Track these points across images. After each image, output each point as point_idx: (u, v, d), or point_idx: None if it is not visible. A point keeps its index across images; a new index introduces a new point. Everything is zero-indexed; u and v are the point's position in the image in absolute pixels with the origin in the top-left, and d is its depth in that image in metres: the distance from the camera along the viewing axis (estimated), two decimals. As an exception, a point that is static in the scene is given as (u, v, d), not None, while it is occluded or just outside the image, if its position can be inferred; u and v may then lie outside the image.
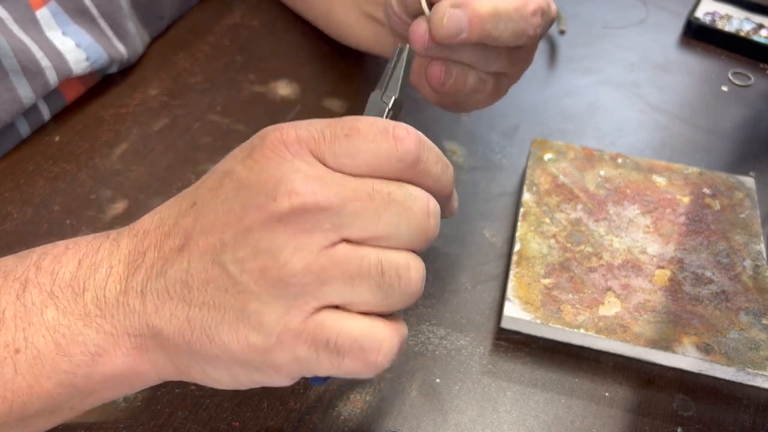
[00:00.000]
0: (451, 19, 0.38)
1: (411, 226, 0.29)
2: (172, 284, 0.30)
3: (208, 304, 0.30)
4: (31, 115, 0.55)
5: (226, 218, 0.30)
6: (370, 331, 0.29)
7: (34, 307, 0.31)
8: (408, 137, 0.30)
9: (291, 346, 0.29)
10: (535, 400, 0.42)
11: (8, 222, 0.50)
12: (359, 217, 0.29)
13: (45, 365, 0.31)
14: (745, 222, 0.51)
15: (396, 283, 0.29)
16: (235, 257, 0.29)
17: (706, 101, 0.65)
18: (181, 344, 0.31)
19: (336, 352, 0.29)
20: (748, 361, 0.43)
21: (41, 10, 0.53)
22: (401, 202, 0.29)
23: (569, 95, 0.64)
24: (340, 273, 0.28)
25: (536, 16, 0.40)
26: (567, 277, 0.46)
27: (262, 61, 0.65)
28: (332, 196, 0.28)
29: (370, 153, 0.29)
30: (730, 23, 0.72)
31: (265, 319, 0.29)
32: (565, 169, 0.53)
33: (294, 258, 0.28)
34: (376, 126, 0.30)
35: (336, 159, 0.29)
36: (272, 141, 0.29)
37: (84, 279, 0.32)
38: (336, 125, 0.30)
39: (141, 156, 0.55)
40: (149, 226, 0.32)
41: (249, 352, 0.30)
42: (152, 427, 0.40)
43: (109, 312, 0.31)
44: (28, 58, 0.51)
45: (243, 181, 0.30)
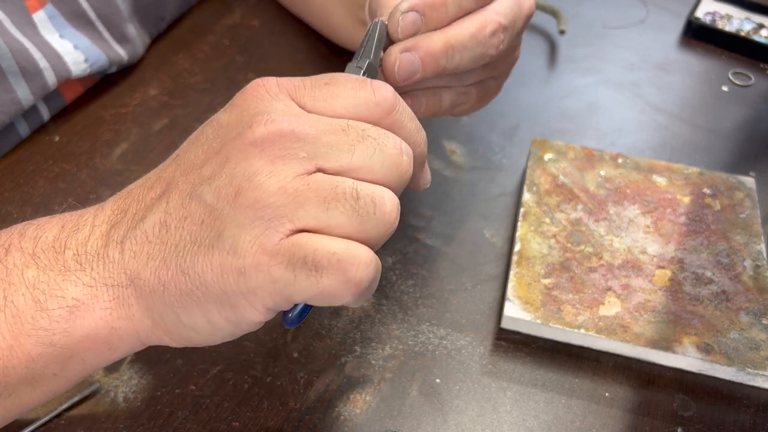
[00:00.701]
0: (402, 66, 0.38)
1: (384, 161, 0.30)
2: (151, 227, 0.31)
3: (185, 240, 0.30)
4: (31, 115, 0.55)
5: (204, 156, 0.31)
6: (347, 247, 0.29)
7: (15, 269, 0.32)
8: (384, 87, 0.32)
9: (266, 266, 0.28)
10: (535, 400, 0.42)
11: (8, 222, 0.50)
12: (334, 148, 0.30)
13: (24, 323, 0.31)
14: (745, 222, 0.51)
15: (371, 210, 0.29)
16: (211, 186, 0.30)
17: (706, 101, 0.65)
18: (157, 287, 0.30)
19: (314, 269, 0.28)
20: (748, 361, 0.43)
21: (38, 13, 0.53)
22: (375, 138, 0.30)
23: (569, 95, 0.64)
24: (315, 196, 0.29)
25: (496, 35, 0.39)
26: (567, 277, 0.46)
27: (262, 61, 0.65)
28: (308, 127, 0.30)
29: (348, 97, 0.31)
30: (730, 23, 0.72)
31: (240, 240, 0.29)
32: (565, 169, 0.53)
33: (269, 180, 0.29)
34: (355, 77, 0.32)
35: (314, 102, 0.31)
36: (252, 86, 0.32)
37: (65, 239, 0.32)
38: (316, 76, 0.32)
39: (141, 156, 0.55)
40: (133, 186, 0.33)
41: (223, 278, 0.29)
42: (152, 427, 0.40)
43: (89, 265, 0.32)
44: (27, 59, 0.51)
45: (222, 123, 0.31)
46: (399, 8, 0.38)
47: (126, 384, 0.41)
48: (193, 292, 0.30)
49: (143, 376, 0.42)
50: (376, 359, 0.44)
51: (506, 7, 0.40)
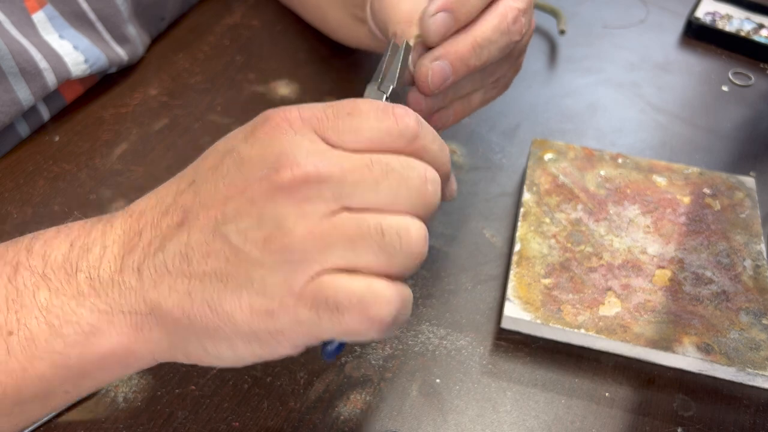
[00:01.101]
0: (434, 75, 0.38)
1: (410, 194, 0.30)
2: (171, 258, 0.30)
3: (210, 275, 0.30)
4: (31, 115, 0.55)
5: (227, 191, 0.30)
6: (369, 286, 0.29)
7: (26, 290, 0.31)
8: (407, 115, 0.31)
9: (293, 309, 0.29)
10: (535, 400, 0.42)
11: (8, 222, 0.50)
12: (359, 187, 0.29)
13: (38, 346, 0.31)
14: (745, 222, 0.51)
15: (397, 244, 0.29)
16: (238, 227, 0.29)
17: (706, 101, 0.65)
18: (181, 318, 0.30)
19: (335, 309, 0.29)
20: (749, 361, 0.43)
21: (37, 13, 0.53)
22: (399, 171, 0.30)
23: (569, 95, 0.64)
24: (341, 237, 0.29)
25: (518, 21, 0.39)
26: (567, 277, 0.46)
27: (262, 61, 0.65)
28: (333, 166, 0.29)
29: (372, 130, 0.30)
30: (730, 23, 0.72)
31: (269, 284, 0.29)
32: (566, 169, 0.53)
33: (297, 225, 0.29)
34: (376, 105, 0.31)
35: (339, 136, 0.30)
36: (275, 119, 0.30)
37: (76, 260, 0.32)
38: (338, 105, 0.31)
39: (141, 156, 0.55)
40: (145, 206, 0.32)
41: (252, 319, 0.29)
42: (152, 427, 0.40)
43: (103, 290, 0.31)
44: (27, 60, 0.51)
45: (244, 157, 0.30)
46: (428, 12, 0.37)
47: (126, 384, 0.41)
48: (221, 328, 0.30)
49: (143, 376, 0.42)
50: (376, 359, 0.44)
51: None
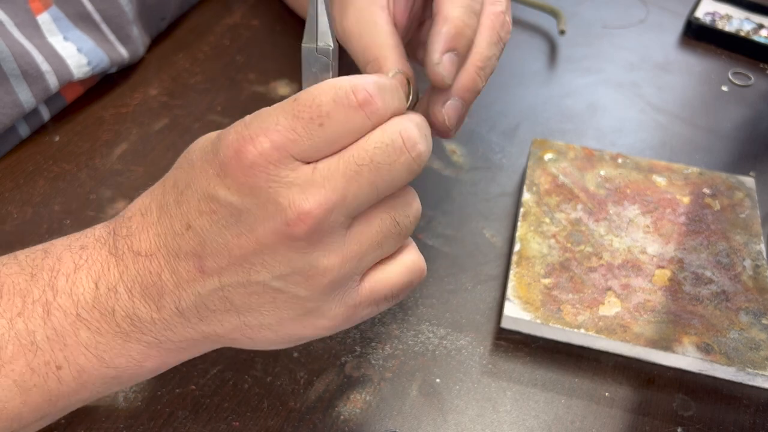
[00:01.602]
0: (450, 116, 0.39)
1: (403, 172, 0.31)
2: (210, 301, 0.31)
3: (259, 310, 0.32)
4: (31, 115, 0.55)
5: (239, 241, 0.30)
6: (407, 270, 0.34)
7: (65, 331, 0.32)
8: (371, 97, 0.30)
9: (355, 315, 0.33)
10: (535, 400, 0.42)
11: (8, 222, 0.50)
12: (360, 196, 0.30)
13: (91, 375, 0.33)
14: (745, 222, 0.51)
15: (408, 221, 0.33)
16: (274, 275, 0.30)
17: (706, 101, 0.65)
18: (242, 339, 0.33)
19: (393, 298, 0.34)
20: (748, 361, 0.43)
21: (42, 15, 0.53)
22: (385, 159, 0.30)
23: (569, 95, 0.64)
24: (368, 246, 0.32)
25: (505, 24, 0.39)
26: (567, 277, 0.46)
27: (262, 61, 0.65)
28: (332, 194, 0.29)
29: (347, 134, 0.30)
30: (730, 23, 0.72)
31: (327, 309, 0.32)
32: (565, 169, 0.53)
33: (330, 261, 0.30)
34: (341, 101, 0.29)
35: (318, 153, 0.30)
36: (247, 155, 0.28)
37: (107, 302, 0.32)
38: (303, 115, 0.29)
39: (141, 156, 0.55)
40: (147, 248, 0.32)
41: (320, 332, 0.33)
42: (152, 427, 0.40)
43: (147, 329, 0.32)
44: (29, 62, 0.51)
45: (238, 207, 0.29)
46: (433, 61, 0.37)
47: (126, 384, 0.41)
48: (286, 341, 0.34)
49: (143, 376, 0.42)
50: (376, 359, 0.44)
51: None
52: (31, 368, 0.31)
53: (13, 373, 0.31)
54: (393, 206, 0.32)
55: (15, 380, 0.31)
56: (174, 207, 0.31)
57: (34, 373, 0.31)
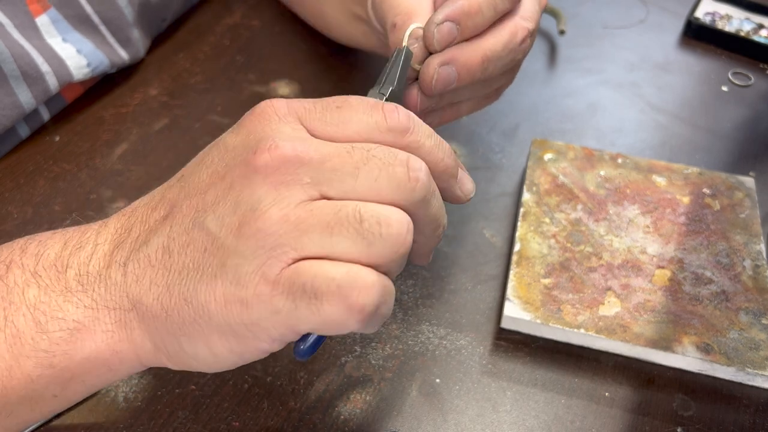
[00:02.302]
0: (439, 79, 0.38)
1: (391, 182, 0.29)
2: (154, 251, 0.30)
3: (188, 267, 0.30)
4: (31, 116, 0.55)
5: (209, 180, 0.30)
6: (348, 271, 0.28)
7: (16, 287, 0.31)
8: (397, 110, 0.31)
9: (268, 297, 0.28)
10: (535, 400, 0.42)
11: (8, 222, 0.50)
12: (338, 172, 0.29)
13: (24, 344, 0.31)
14: (745, 222, 0.51)
15: (377, 231, 0.28)
16: (216, 214, 0.29)
17: (706, 101, 0.65)
18: (160, 313, 0.30)
19: (313, 296, 0.27)
20: (748, 361, 0.43)
21: (41, 17, 0.53)
22: (381, 158, 0.29)
23: (569, 95, 0.64)
24: (318, 222, 0.28)
25: (525, 41, 0.39)
26: (567, 277, 0.46)
27: (262, 61, 0.65)
28: (312, 151, 0.29)
29: (360, 122, 0.30)
30: (730, 23, 0.72)
31: (243, 271, 0.28)
32: (565, 169, 0.53)
33: (272, 209, 0.28)
34: (367, 101, 0.31)
35: (325, 127, 0.30)
36: (262, 108, 0.31)
37: (67, 257, 0.32)
38: (329, 99, 0.31)
39: (141, 156, 0.55)
40: (138, 204, 0.33)
41: (226, 310, 0.28)
42: (152, 427, 0.40)
43: (90, 286, 0.31)
44: (28, 63, 0.51)
45: (228, 145, 0.31)
46: (434, 20, 0.37)
47: (126, 384, 0.41)
48: (197, 321, 0.29)
49: (143, 376, 0.42)
50: (376, 359, 0.44)
51: (532, 11, 0.40)
52: None
53: None
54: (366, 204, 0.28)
55: None
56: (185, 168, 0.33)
57: None
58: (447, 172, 0.33)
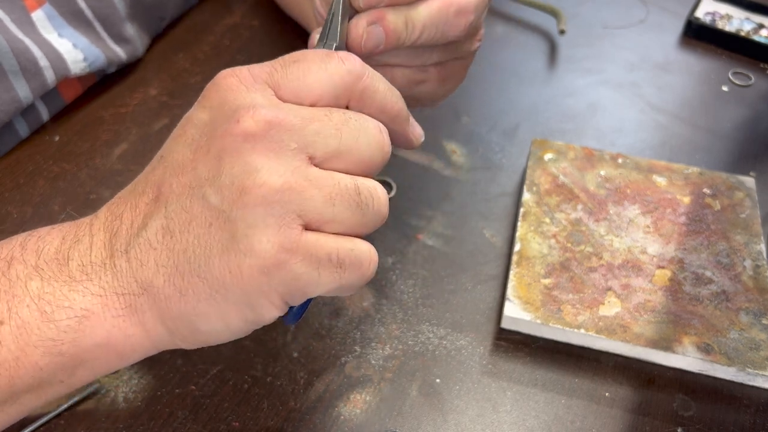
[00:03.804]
0: (368, 38, 0.38)
1: (369, 141, 0.31)
2: (154, 234, 0.30)
3: (194, 244, 0.30)
4: (30, 115, 0.55)
5: (194, 155, 0.30)
6: (358, 245, 0.31)
7: (18, 281, 0.31)
8: (350, 56, 0.32)
9: (289, 264, 0.29)
10: (535, 400, 0.42)
11: (8, 222, 0.50)
12: (321, 135, 0.30)
13: (31, 334, 0.31)
14: (745, 222, 0.51)
15: (371, 203, 0.31)
16: (213, 186, 0.29)
17: (706, 101, 0.65)
18: (173, 293, 0.30)
19: (338, 265, 0.30)
20: (749, 361, 0.43)
21: (36, 12, 0.53)
22: (357, 119, 0.31)
23: (569, 95, 0.64)
24: (319, 192, 0.29)
25: (462, 16, 0.39)
26: (567, 277, 0.46)
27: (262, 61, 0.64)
28: (292, 116, 0.30)
29: (320, 71, 0.31)
30: (730, 23, 0.72)
31: (256, 240, 0.29)
32: (565, 169, 0.53)
33: (272, 177, 0.29)
34: (322, 52, 0.32)
35: (289, 84, 0.31)
36: (226, 78, 0.31)
37: (67, 250, 0.32)
38: (284, 58, 0.32)
39: (141, 156, 0.55)
40: (123, 193, 0.33)
41: (245, 279, 0.29)
42: (152, 427, 0.40)
43: (96, 275, 0.31)
44: (27, 58, 0.51)
45: (203, 119, 0.31)
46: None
47: (126, 384, 0.41)
48: (213, 297, 0.30)
49: (143, 376, 0.42)
50: (376, 359, 0.44)
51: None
52: None
53: None
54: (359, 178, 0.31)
55: None
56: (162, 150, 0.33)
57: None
58: (401, 115, 0.35)
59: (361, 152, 0.31)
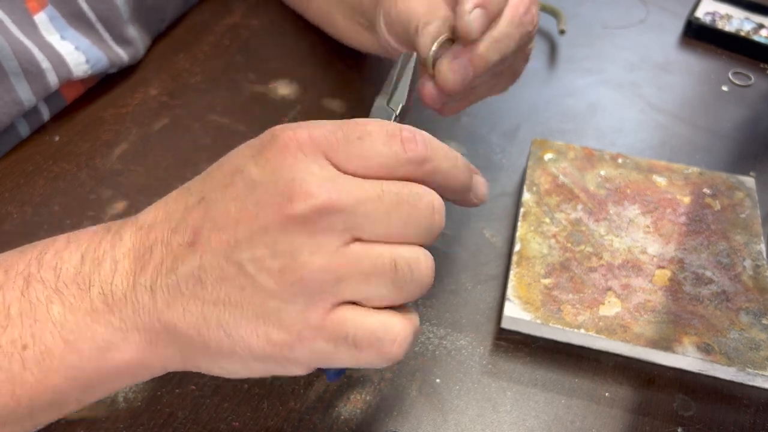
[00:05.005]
0: (454, 72, 0.38)
1: (419, 224, 0.31)
2: (184, 280, 0.30)
3: (224, 301, 0.30)
4: (31, 115, 0.55)
5: (239, 216, 0.30)
6: (385, 325, 0.30)
7: (39, 304, 0.31)
8: (415, 138, 0.31)
9: (311, 341, 0.30)
10: (535, 400, 0.42)
11: (8, 222, 0.50)
12: (370, 218, 0.30)
13: (53, 360, 0.31)
14: (745, 222, 0.51)
15: (408, 278, 0.30)
16: (253, 256, 0.29)
17: (706, 101, 0.65)
18: (196, 339, 0.31)
19: (354, 346, 0.30)
20: (749, 361, 0.43)
21: (39, 14, 0.53)
22: (408, 201, 0.30)
23: (569, 95, 0.64)
24: (357, 271, 0.30)
25: (529, 12, 0.40)
26: (567, 277, 0.46)
27: (262, 61, 0.65)
28: (345, 197, 0.29)
29: (381, 155, 0.30)
30: (730, 23, 0.72)
31: (286, 316, 0.30)
32: (565, 169, 0.53)
33: (312, 258, 0.29)
34: (385, 129, 0.31)
35: (348, 161, 0.30)
36: (285, 140, 0.30)
37: (88, 274, 0.32)
38: (348, 127, 0.31)
39: (141, 156, 0.55)
40: (154, 219, 0.32)
41: (269, 348, 0.30)
42: (152, 427, 0.40)
43: (117, 308, 0.31)
44: (29, 60, 0.51)
45: (256, 180, 0.30)
46: (464, 10, 0.37)
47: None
48: (236, 352, 0.31)
49: (143, 376, 0.42)
50: (376, 359, 0.44)
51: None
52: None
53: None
54: (399, 251, 0.30)
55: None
56: (197, 184, 0.32)
57: (0, 350, 0.31)
58: (463, 189, 0.34)
59: (408, 234, 0.30)
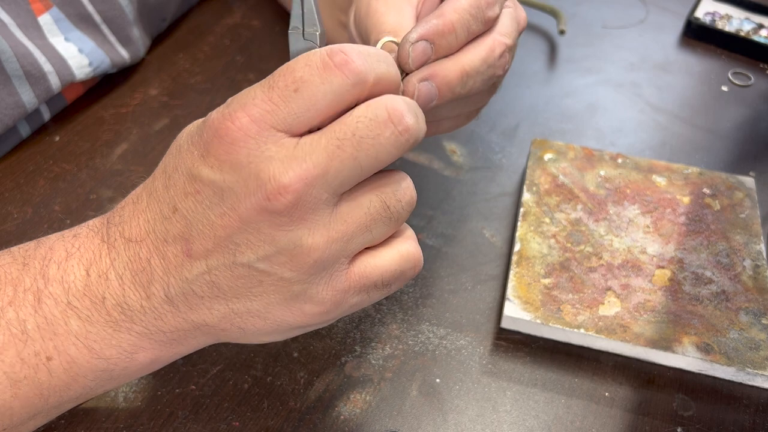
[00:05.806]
0: (420, 95, 0.37)
1: (388, 150, 0.30)
2: (198, 286, 0.31)
3: (246, 295, 0.31)
4: (31, 115, 0.55)
5: (223, 221, 0.30)
6: (400, 256, 0.33)
7: (55, 319, 0.32)
8: (348, 56, 0.29)
9: (345, 301, 0.32)
10: (535, 400, 0.42)
11: (8, 222, 0.50)
12: (343, 172, 0.29)
13: (81, 367, 0.32)
14: (745, 222, 0.51)
15: (400, 208, 0.32)
16: (258, 255, 0.30)
17: (706, 101, 0.65)
18: (231, 329, 0.33)
19: (384, 286, 0.33)
20: (748, 361, 0.43)
21: (43, 16, 0.53)
22: (368, 134, 0.29)
23: (569, 95, 0.64)
24: (357, 228, 0.31)
25: (503, 57, 0.39)
26: (567, 277, 0.46)
27: (262, 61, 0.65)
28: (313, 169, 0.29)
29: (326, 96, 0.29)
30: (730, 23, 0.72)
31: (314, 293, 0.31)
32: (565, 169, 0.53)
33: (315, 239, 0.30)
34: (314, 64, 0.29)
35: (297, 120, 0.29)
36: (228, 132, 0.29)
37: (98, 289, 0.32)
38: (279, 84, 0.29)
39: (141, 156, 0.55)
40: (138, 233, 0.32)
41: (307, 319, 0.32)
42: (152, 427, 0.40)
43: (137, 317, 0.32)
44: (31, 62, 0.51)
45: (220, 185, 0.29)
46: (408, 38, 0.37)
47: (126, 384, 0.41)
48: (276, 330, 0.33)
49: (143, 376, 0.42)
50: (376, 359, 0.44)
51: (509, 27, 0.39)
52: (21, 359, 0.31)
53: (3, 364, 0.31)
54: (382, 189, 0.31)
55: (5, 372, 0.31)
56: (162, 192, 0.31)
57: (24, 363, 0.31)
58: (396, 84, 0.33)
59: (382, 161, 0.30)
